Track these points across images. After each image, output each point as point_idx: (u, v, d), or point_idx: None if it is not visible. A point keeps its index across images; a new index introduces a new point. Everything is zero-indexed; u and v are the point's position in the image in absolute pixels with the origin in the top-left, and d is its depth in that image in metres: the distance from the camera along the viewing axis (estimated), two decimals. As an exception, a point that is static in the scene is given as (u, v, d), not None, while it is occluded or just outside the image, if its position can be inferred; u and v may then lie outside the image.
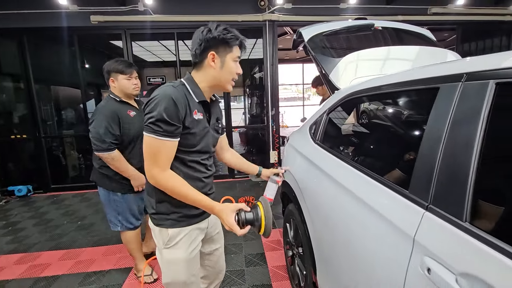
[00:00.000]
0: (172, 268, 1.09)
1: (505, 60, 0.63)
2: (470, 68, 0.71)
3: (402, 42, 2.26)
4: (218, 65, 1.03)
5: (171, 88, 0.97)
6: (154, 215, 1.07)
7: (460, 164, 0.64)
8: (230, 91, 1.12)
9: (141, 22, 3.99)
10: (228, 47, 1.03)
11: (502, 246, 0.52)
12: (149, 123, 0.93)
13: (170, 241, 1.06)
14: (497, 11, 4.63)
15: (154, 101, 0.94)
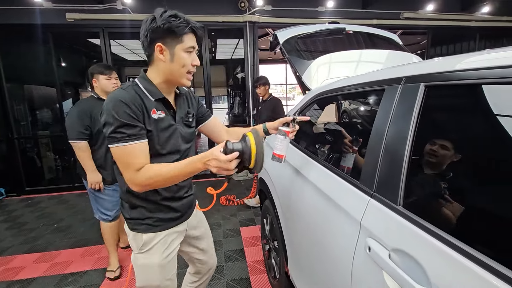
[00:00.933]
0: (146, 272, 1.05)
1: (433, 66, 0.73)
2: (408, 73, 0.81)
3: (372, 46, 2.40)
4: (168, 58, 0.92)
5: (119, 91, 0.90)
6: (128, 220, 1.04)
7: (396, 156, 0.74)
8: (187, 85, 1.01)
9: (120, 20, 3.94)
10: (177, 37, 0.90)
11: (426, 226, 0.62)
12: (110, 133, 0.86)
13: (144, 246, 1.03)
14: (463, 17, 4.94)
15: (104, 110, 0.87)
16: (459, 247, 0.53)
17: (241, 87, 5.63)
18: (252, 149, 0.83)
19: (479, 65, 0.62)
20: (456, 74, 0.65)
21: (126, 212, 1.04)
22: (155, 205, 1.02)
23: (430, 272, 0.56)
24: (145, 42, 0.93)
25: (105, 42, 4.04)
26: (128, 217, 1.03)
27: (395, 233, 0.67)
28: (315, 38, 2.28)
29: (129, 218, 1.03)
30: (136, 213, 1.02)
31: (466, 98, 0.69)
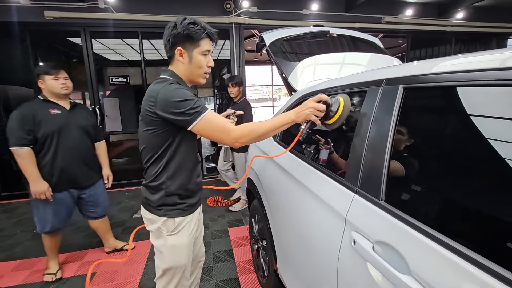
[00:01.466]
0: (176, 253, 1.18)
1: (410, 69, 0.78)
2: (388, 75, 0.85)
3: (355, 49, 2.48)
4: (187, 60, 1.08)
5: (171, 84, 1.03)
6: (160, 207, 1.14)
7: (378, 154, 0.78)
8: (202, 83, 1.18)
9: (102, 20, 3.84)
10: (195, 42, 1.06)
11: (407, 219, 0.66)
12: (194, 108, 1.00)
13: (176, 228, 1.16)
14: (440, 22, 5.18)
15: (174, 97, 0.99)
16: (438, 238, 0.57)
17: (225, 88, 5.63)
18: (340, 108, 0.99)
19: (452, 69, 0.67)
20: (431, 77, 0.70)
21: (158, 200, 1.13)
22: (187, 192, 1.17)
23: (411, 262, 0.60)
24: (167, 46, 1.08)
25: (86, 41, 3.92)
26: (160, 204, 1.13)
27: (378, 227, 0.71)
28: (300, 41, 2.33)
29: (162, 205, 1.13)
30: (170, 200, 1.14)
31: (441, 99, 0.74)
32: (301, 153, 1.42)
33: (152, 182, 1.13)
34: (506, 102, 0.56)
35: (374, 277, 0.67)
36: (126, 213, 3.39)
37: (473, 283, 0.49)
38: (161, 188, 1.12)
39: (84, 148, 2.12)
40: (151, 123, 1.05)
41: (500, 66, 0.56)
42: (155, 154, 1.10)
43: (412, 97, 0.76)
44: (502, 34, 5.76)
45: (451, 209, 0.64)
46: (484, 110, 0.62)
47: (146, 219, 1.20)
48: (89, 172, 2.16)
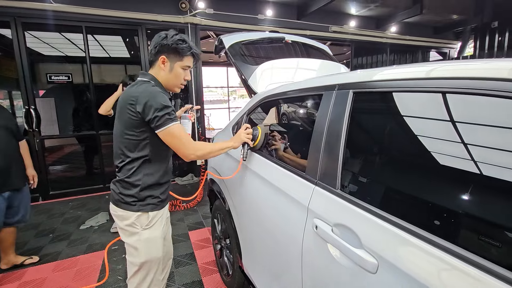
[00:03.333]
0: (151, 245, 1.22)
1: (358, 76, 0.91)
2: (340, 81, 0.98)
3: (307, 55, 2.67)
4: (168, 69, 1.20)
5: (152, 86, 1.13)
6: (134, 202, 1.18)
7: (333, 150, 0.89)
8: (177, 92, 1.29)
9: (38, 10, 3.44)
10: (179, 56, 1.18)
11: (358, 202, 0.78)
12: (165, 115, 1.08)
13: (150, 222, 1.21)
14: (377, 34, 5.84)
15: (149, 99, 1.07)
16: (383, 216, 0.70)
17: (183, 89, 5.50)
18: (259, 134, 1.41)
19: (389, 77, 0.81)
20: (373, 83, 0.83)
21: (132, 196, 1.17)
22: (160, 188, 1.23)
23: (362, 238, 0.71)
24: (152, 51, 1.18)
25: (17, 33, 3.46)
26: (134, 199, 1.17)
27: (336, 211, 0.82)
28: (258, 45, 2.43)
29: (137, 200, 1.18)
30: (145, 195, 1.19)
31: (381, 102, 0.88)
32: (263, 152, 1.50)
33: (128, 178, 1.17)
34: (431, 106, 0.71)
35: (333, 255, 0.78)
36: (72, 224, 3.08)
37: (410, 249, 0.62)
38: (137, 184, 1.17)
39: (12, 149, 2.09)
40: (129, 122, 1.11)
41: (426, 76, 0.71)
42: (132, 151, 1.15)
43: (360, 100, 0.89)
44: (426, 47, 6.73)
45: (391, 192, 0.78)
46: (413, 111, 0.77)
47: (117, 216, 1.21)
48: (19, 173, 2.12)
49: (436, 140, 0.69)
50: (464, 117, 0.64)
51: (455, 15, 5.47)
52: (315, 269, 0.86)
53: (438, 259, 0.56)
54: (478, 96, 0.60)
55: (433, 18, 5.71)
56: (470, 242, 0.57)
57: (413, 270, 0.60)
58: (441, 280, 0.55)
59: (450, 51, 7.07)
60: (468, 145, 0.61)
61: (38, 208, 3.54)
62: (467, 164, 0.61)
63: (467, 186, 0.61)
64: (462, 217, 0.60)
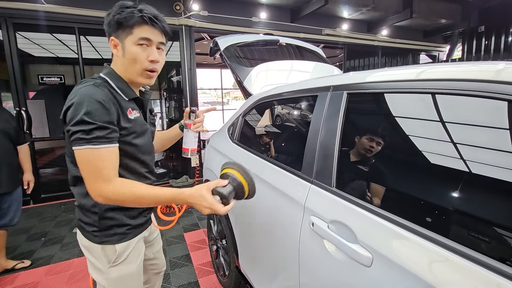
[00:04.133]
0: (124, 285, 0.97)
1: (352, 78, 0.95)
2: (334, 82, 1.01)
3: (301, 57, 2.72)
4: (121, 53, 0.87)
5: (92, 87, 0.81)
6: (95, 233, 0.92)
7: (329, 149, 0.92)
8: (147, 84, 0.93)
9: (30, 11, 3.40)
10: (127, 29, 0.84)
11: (353, 199, 0.80)
12: (78, 133, 0.77)
13: (118, 258, 0.94)
14: (369, 37, 5.96)
15: (73, 106, 0.78)
16: (377, 212, 0.73)
17: (177, 91, 5.49)
18: (244, 184, 0.85)
19: (381, 79, 0.84)
20: (366, 84, 0.87)
21: (91, 225, 0.92)
22: (129, 212, 0.95)
23: (358, 233, 0.74)
24: (107, 37, 0.88)
25: (8, 34, 3.41)
26: (95, 229, 0.92)
27: (331, 209, 0.84)
28: (253, 47, 2.46)
29: (97, 230, 0.92)
30: (107, 222, 0.92)
31: (374, 102, 0.92)
32: (260, 152, 1.52)
33: (80, 202, 0.91)
34: (420, 106, 0.74)
35: (329, 250, 0.80)
36: (64, 228, 3.04)
37: (403, 243, 0.65)
38: (93, 211, 0.90)
39: (4, 152, 2.02)
40: (65, 131, 0.83)
41: (415, 78, 0.74)
42: (76, 167, 0.85)
43: (354, 101, 0.92)
44: (416, 50, 6.89)
45: (385, 189, 0.81)
46: (404, 111, 0.80)
47: (82, 246, 0.97)
48: (10, 176, 2.06)
49: (425, 139, 0.72)
50: (452, 117, 0.67)
51: (444, 20, 5.62)
52: (312, 264, 0.89)
53: (430, 251, 0.59)
54: (465, 97, 0.63)
55: (423, 22, 5.86)
56: (459, 235, 0.60)
57: (406, 262, 0.63)
58: (432, 271, 0.58)
59: (439, 54, 7.25)
60: (455, 144, 0.64)
61: (29, 212, 3.47)
62: (455, 162, 0.64)
63: (456, 183, 0.65)
64: (451, 212, 0.64)
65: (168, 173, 4.88)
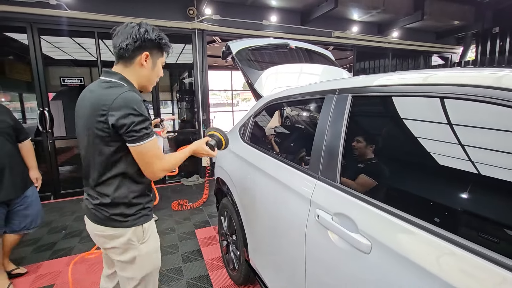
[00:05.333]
0: (151, 257, 1.16)
1: (356, 82, 1.02)
2: (340, 86, 1.09)
3: (310, 60, 2.79)
4: (150, 66, 1.08)
5: (130, 92, 0.97)
6: (126, 218, 1.07)
7: (334, 148, 1.00)
8: (149, 91, 1.21)
9: (54, 17, 3.60)
10: (161, 52, 1.11)
11: (355, 193, 0.88)
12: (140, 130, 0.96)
13: (146, 234, 1.12)
14: (379, 39, 5.96)
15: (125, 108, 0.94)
16: (376, 204, 0.80)
17: (189, 92, 5.64)
18: (222, 139, 1.32)
19: (385, 83, 0.91)
20: (370, 88, 0.94)
21: (122, 214, 1.06)
22: (147, 198, 1.14)
23: (359, 224, 0.82)
24: (130, 46, 1.02)
25: (33, 39, 3.63)
26: (126, 216, 1.07)
27: (335, 202, 0.92)
28: (264, 51, 2.55)
29: (128, 215, 1.07)
30: (134, 209, 1.09)
31: (378, 105, 0.99)
32: (270, 151, 1.60)
33: (112, 198, 1.05)
34: (421, 109, 0.81)
35: (332, 240, 0.88)
36: (83, 222, 3.19)
37: (399, 231, 0.72)
38: (124, 202, 1.06)
39: (5, 152, 1.87)
40: (103, 134, 0.97)
41: (419, 82, 0.79)
42: (111, 168, 1.02)
43: (358, 103, 1.00)
44: (428, 52, 6.83)
45: (384, 184, 0.88)
46: (404, 114, 0.87)
47: (105, 236, 1.09)
48: (15, 182, 1.91)
49: (422, 139, 0.79)
50: (442, 118, 0.74)
51: (456, 21, 5.56)
52: (317, 254, 0.96)
53: (423, 239, 0.66)
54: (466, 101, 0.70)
55: (435, 24, 5.81)
56: (452, 224, 0.67)
57: (401, 248, 0.70)
58: (425, 256, 0.65)
59: (452, 56, 7.16)
60: (449, 143, 0.71)
61: (50, 206, 3.67)
62: (448, 159, 0.71)
63: (449, 177, 0.71)
64: (445, 204, 0.70)
65: (179, 173, 5.02)
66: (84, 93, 1.07)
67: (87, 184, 1.11)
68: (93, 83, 1.08)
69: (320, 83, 1.31)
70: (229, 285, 2.07)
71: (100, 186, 1.05)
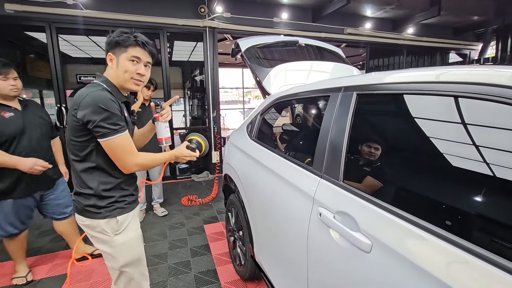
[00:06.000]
0: (127, 248, 1.20)
1: (361, 80, 1.01)
2: (345, 84, 1.08)
3: (321, 58, 2.76)
4: (115, 65, 1.13)
5: (98, 91, 1.05)
6: (99, 209, 1.13)
7: (338, 146, 1.00)
8: (136, 90, 1.20)
9: (70, 16, 3.73)
10: (123, 48, 1.11)
11: (357, 192, 0.88)
12: (107, 126, 1.02)
13: (120, 227, 1.17)
14: (393, 36, 5.81)
15: (91, 106, 1.01)
16: (378, 203, 0.79)
17: (200, 90, 5.70)
18: (202, 144, 1.38)
19: (391, 81, 0.90)
20: (374, 86, 0.93)
21: (94, 206, 1.13)
22: (122, 192, 1.19)
23: (360, 222, 0.81)
24: (105, 52, 1.15)
25: (52, 37, 3.77)
26: (99, 207, 1.13)
27: (337, 200, 0.92)
28: (273, 48, 2.55)
29: (101, 207, 1.13)
30: (106, 202, 1.14)
31: (383, 103, 0.98)
32: (275, 149, 1.61)
33: (84, 188, 1.12)
34: (424, 107, 0.80)
35: (334, 238, 0.88)
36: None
37: (399, 231, 0.72)
38: (94, 194, 1.12)
39: (45, 148, 2.05)
40: (75, 129, 1.05)
41: (435, 80, 0.74)
42: (83, 159, 1.10)
43: (362, 101, 0.99)
44: (445, 49, 6.60)
45: (386, 183, 0.88)
46: (408, 111, 0.86)
47: (84, 225, 1.17)
48: (51, 172, 2.07)
49: (423, 137, 0.78)
50: (443, 116, 0.73)
51: (475, 16, 5.34)
52: (318, 252, 0.97)
53: (423, 239, 0.66)
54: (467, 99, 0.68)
55: (452, 19, 5.61)
56: (451, 224, 0.66)
57: (401, 248, 0.69)
58: (424, 256, 0.65)
59: (470, 53, 6.89)
60: (448, 141, 0.70)
61: (66, 199, 3.81)
62: (447, 158, 0.70)
63: (451, 177, 0.70)
64: (448, 205, 0.69)
65: (190, 169, 5.10)
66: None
67: None
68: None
69: (326, 80, 1.30)
70: (236, 280, 2.10)
71: (78, 178, 1.14)
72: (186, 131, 6.86)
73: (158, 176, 3.19)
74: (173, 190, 4.19)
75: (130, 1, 3.98)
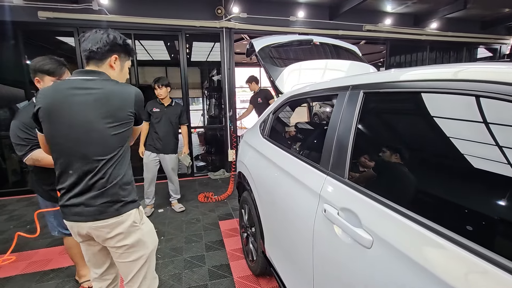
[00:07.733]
0: (152, 233, 1.30)
1: (368, 79, 1.02)
2: (353, 82, 1.09)
3: (336, 56, 2.74)
4: (118, 68, 1.21)
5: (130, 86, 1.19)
6: (127, 204, 1.16)
7: (344, 144, 1.01)
8: None
9: (96, 21, 3.95)
10: (128, 56, 1.25)
11: (361, 189, 0.89)
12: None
13: (143, 214, 1.28)
14: (415, 31, 5.59)
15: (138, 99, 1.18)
16: (381, 200, 0.80)
17: (217, 89, 5.81)
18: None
19: (398, 79, 0.90)
20: (381, 84, 0.93)
21: (128, 197, 1.17)
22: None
23: (362, 219, 0.83)
24: (101, 49, 1.14)
25: (79, 41, 4.00)
26: (130, 200, 1.18)
27: (342, 197, 0.94)
28: (287, 47, 2.56)
29: (128, 202, 1.17)
30: (132, 195, 1.21)
31: (389, 102, 0.98)
32: (285, 147, 1.64)
33: (128, 184, 1.17)
34: (432, 105, 0.80)
35: (337, 233, 0.90)
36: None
37: (399, 228, 0.72)
38: (132, 185, 1.20)
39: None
40: (126, 123, 1.12)
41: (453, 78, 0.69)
42: (126, 150, 1.18)
43: (369, 100, 0.99)
44: (472, 44, 6.25)
45: (390, 181, 0.88)
46: (415, 110, 0.86)
47: (110, 225, 1.13)
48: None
49: (427, 135, 0.78)
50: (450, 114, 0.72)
51: (507, 9, 5.02)
52: (322, 247, 0.99)
53: (423, 236, 0.66)
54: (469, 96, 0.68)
55: (480, 12, 5.31)
56: (450, 221, 0.66)
57: (401, 244, 0.70)
58: (423, 253, 0.65)
59: (501, 47, 6.48)
60: (451, 138, 0.69)
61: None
62: (451, 156, 0.70)
63: (453, 174, 0.70)
64: (443, 201, 0.69)
65: (206, 166, 5.23)
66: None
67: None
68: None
69: (335, 79, 1.31)
70: (248, 275, 2.15)
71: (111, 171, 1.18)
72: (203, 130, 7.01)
73: (172, 172, 3.32)
74: (190, 187, 4.32)
75: (150, 5, 4.14)
